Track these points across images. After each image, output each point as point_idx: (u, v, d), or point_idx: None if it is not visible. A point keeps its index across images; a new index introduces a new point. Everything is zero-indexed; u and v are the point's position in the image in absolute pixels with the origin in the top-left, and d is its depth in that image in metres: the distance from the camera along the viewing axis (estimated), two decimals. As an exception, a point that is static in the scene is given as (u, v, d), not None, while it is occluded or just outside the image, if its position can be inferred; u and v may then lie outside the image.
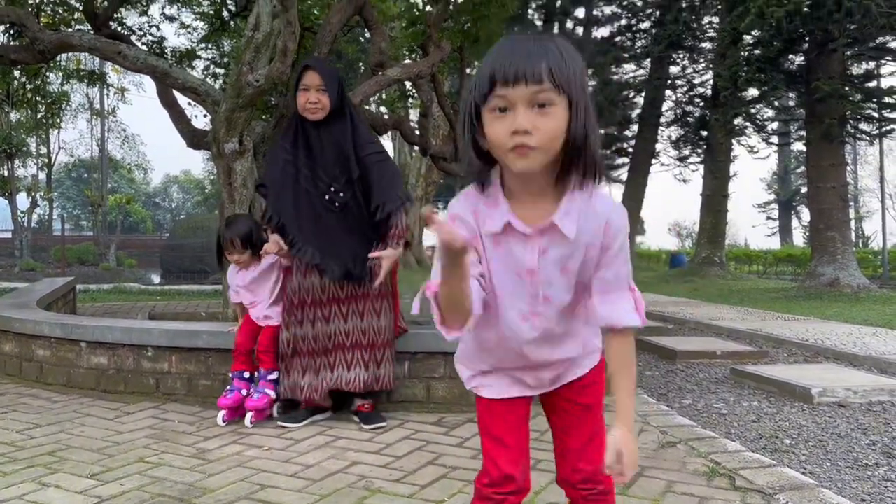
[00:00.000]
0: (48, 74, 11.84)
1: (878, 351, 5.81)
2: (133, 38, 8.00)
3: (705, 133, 19.72)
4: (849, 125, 13.58)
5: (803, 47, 13.55)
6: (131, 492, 2.43)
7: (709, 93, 19.48)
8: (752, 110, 16.82)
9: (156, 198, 61.90)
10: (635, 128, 22.96)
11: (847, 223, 13.47)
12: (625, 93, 22.72)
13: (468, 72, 7.68)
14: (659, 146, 22.62)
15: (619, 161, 26.08)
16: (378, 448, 2.94)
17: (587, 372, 1.52)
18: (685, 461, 2.77)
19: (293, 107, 3.24)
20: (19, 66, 7.29)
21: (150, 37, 8.50)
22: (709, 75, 19.80)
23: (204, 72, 9.58)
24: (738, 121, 16.97)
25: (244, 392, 3.32)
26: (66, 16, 8.76)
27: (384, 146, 3.54)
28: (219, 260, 3.47)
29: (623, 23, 22.04)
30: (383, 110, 11.64)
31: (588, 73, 1.20)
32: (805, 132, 14.80)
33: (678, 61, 20.89)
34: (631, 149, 23.31)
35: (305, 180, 3.18)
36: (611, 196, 1.35)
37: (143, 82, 33.69)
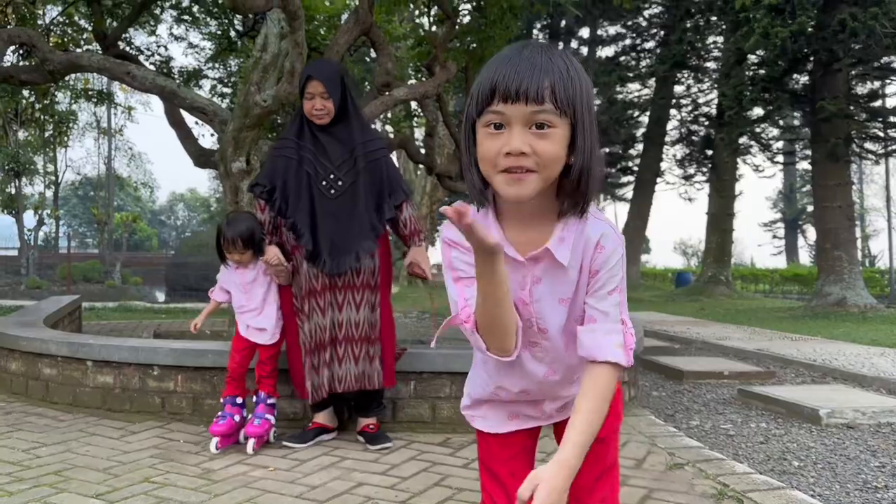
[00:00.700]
0: (56, 94, 11.97)
1: (887, 372, 5.77)
2: (141, 57, 8.09)
3: (710, 152, 19.77)
4: (854, 144, 13.60)
5: (808, 67, 13.61)
6: (136, 512, 2.42)
7: (714, 112, 19.55)
8: (758, 129, 16.88)
9: (161, 216, 62.14)
10: (640, 146, 23.03)
11: (853, 242, 13.45)
12: (629, 112, 22.83)
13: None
14: (664, 165, 22.69)
15: (624, 179, 26.14)
16: (384, 469, 2.93)
17: None
18: (693, 483, 2.74)
19: (300, 107, 3.26)
20: (29, 86, 7.37)
21: (158, 56, 8.61)
22: (713, 94, 19.89)
23: (211, 91, 9.68)
24: (744, 140, 17.04)
25: (237, 418, 3.21)
26: (76, 36, 8.88)
27: (385, 141, 3.59)
28: (221, 257, 3.31)
29: (627, 42, 22.19)
30: (389, 129, 11.71)
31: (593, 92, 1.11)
32: (810, 151, 14.82)
33: (683, 81, 21.00)
34: (636, 167, 23.37)
35: (308, 164, 3.18)
36: (608, 221, 1.27)
37: (150, 101, 34.08)
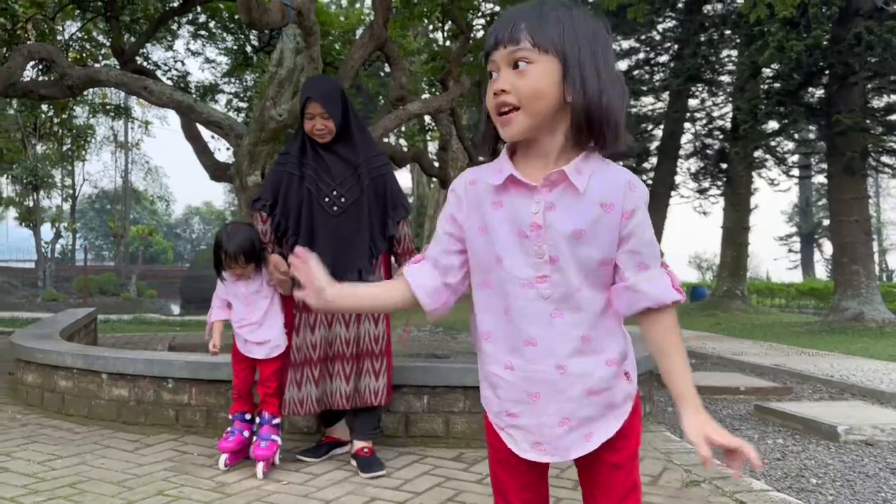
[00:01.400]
0: (75, 108, 12.13)
1: (906, 388, 5.70)
2: (158, 72, 8.19)
3: (725, 165, 19.68)
4: (870, 158, 13.50)
5: (823, 80, 13.54)
6: (150, 526, 2.42)
7: (728, 125, 19.47)
8: (773, 143, 16.79)
9: (177, 229, 62.61)
10: (654, 160, 22.96)
11: (870, 256, 13.31)
12: (643, 125, 22.78)
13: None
14: (678, 178, 22.57)
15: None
16: (397, 483, 2.92)
17: (621, 424, 1.32)
18: (709, 500, 2.71)
19: (300, 124, 3.23)
20: (48, 100, 7.48)
21: (175, 71, 8.70)
22: (728, 108, 19.81)
23: (226, 105, 9.78)
24: (759, 153, 16.95)
25: (246, 433, 3.17)
26: (94, 51, 9.00)
27: (387, 156, 3.55)
28: (217, 271, 3.18)
29: (641, 56, 22.16)
30: (403, 143, 11.76)
31: (607, 35, 1.24)
32: (826, 165, 14.73)
33: (697, 94, 20.94)
34: (650, 181, 23.30)
35: (309, 182, 3.14)
36: (620, 168, 1.27)
37: (167, 115, 34.32)
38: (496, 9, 7.72)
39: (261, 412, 3.14)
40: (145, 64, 7.99)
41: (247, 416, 3.18)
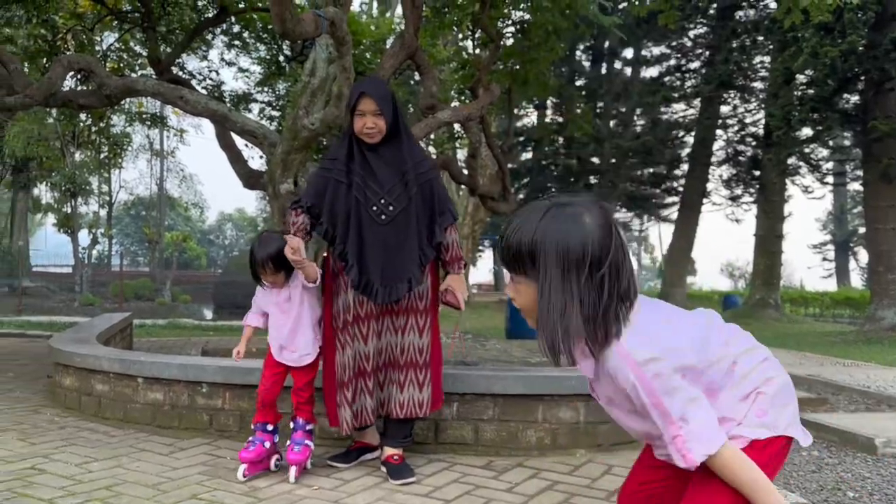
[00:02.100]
0: (112, 117, 12.39)
1: (946, 400, 5.57)
2: (193, 82, 8.33)
3: (758, 172, 19.45)
4: (908, 165, 13.23)
5: (859, 86, 13.33)
6: (185, 528, 2.46)
7: (761, 132, 19.24)
8: (807, 150, 16.55)
9: (210, 235, 63.44)
10: (685, 167, 22.75)
11: (908, 265, 13.04)
12: (674, 132, 22.60)
13: (516, 112, 7.76)
14: (710, 185, 22.36)
15: (669, 200, 25.83)
16: (427, 491, 2.93)
17: None
18: (742, 512, 2.68)
19: (349, 127, 3.18)
20: (86, 110, 7.65)
21: (210, 81, 8.84)
22: (761, 115, 19.59)
23: (259, 114, 9.91)
24: (792, 160, 16.72)
25: (267, 444, 3.14)
26: (131, 61, 9.20)
27: (434, 163, 3.52)
28: (256, 279, 3.22)
29: (672, 63, 22.01)
30: (432, 150, 11.81)
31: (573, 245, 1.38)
32: (862, 172, 14.48)
33: (729, 101, 20.73)
34: (680, 188, 23.08)
35: (357, 189, 3.10)
36: (617, 351, 1.38)
37: (201, 124, 34.84)
38: (526, 17, 7.73)
39: (294, 417, 3.15)
40: (181, 74, 8.14)
41: (269, 427, 3.16)
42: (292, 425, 3.15)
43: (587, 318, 1.35)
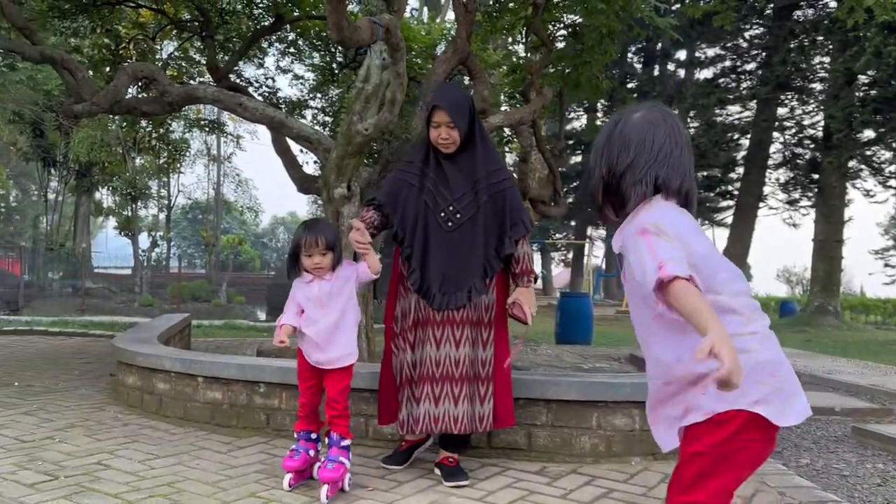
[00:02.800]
0: (171, 123, 12.74)
1: None
2: (250, 89, 8.51)
3: (816, 176, 18.91)
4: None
5: (925, 86, 12.87)
6: (245, 525, 2.51)
7: (820, 134, 18.71)
8: (868, 152, 16.04)
9: (264, 238, 64.57)
10: (740, 170, 22.26)
11: (978, 272, 12.51)
12: (729, 135, 22.13)
13: (567, 115, 7.72)
14: (766, 189, 21.82)
15: (723, 204, 25.29)
16: (480, 495, 2.94)
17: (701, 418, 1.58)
18: (804, 525, 2.62)
19: (425, 133, 3.17)
20: (149, 117, 7.89)
21: (266, 88, 9.02)
22: (820, 116, 19.05)
23: (312, 119, 10.06)
24: (853, 163, 16.22)
25: (311, 453, 3.04)
26: (189, 69, 9.46)
27: (510, 172, 3.47)
28: (290, 270, 3.06)
29: (727, 64, 21.57)
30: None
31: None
32: (928, 175, 13.96)
33: (786, 102, 20.21)
34: (736, 192, 22.58)
35: (427, 194, 3.08)
36: (631, 216, 1.67)
37: (256, 130, 35.68)
38: (578, 20, 7.68)
39: (329, 433, 2.98)
40: (238, 81, 8.33)
41: (312, 436, 3.06)
42: (327, 441, 3.01)
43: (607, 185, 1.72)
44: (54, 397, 4.90)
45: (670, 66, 24.48)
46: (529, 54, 7.26)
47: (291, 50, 9.16)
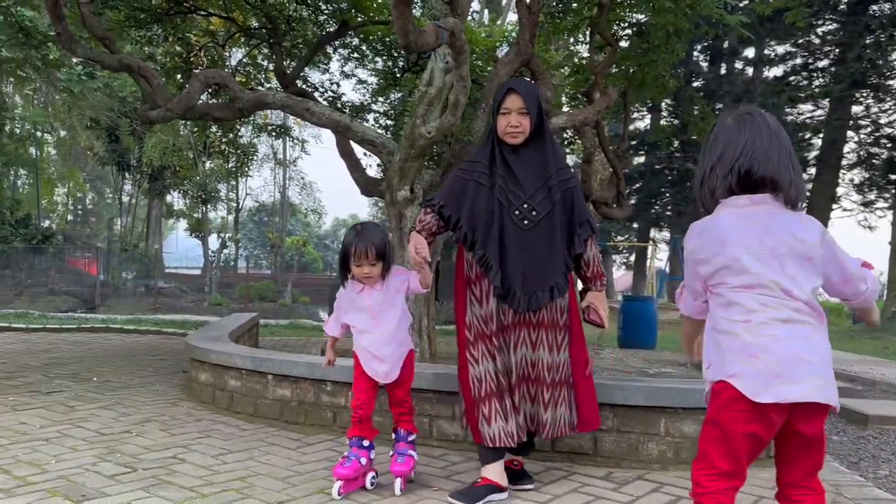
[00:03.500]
0: (240, 128, 13.11)
1: None
2: (316, 94, 8.68)
3: (894, 177, 18.12)
4: None
5: None
6: (314, 521, 2.56)
7: (898, 133, 17.94)
8: (951, 151, 15.27)
9: (326, 240, 65.65)
10: (812, 170, 21.52)
11: None
12: (800, 134, 21.41)
13: (632, 115, 7.60)
14: (840, 190, 21.01)
15: (795, 206, 24.42)
16: (546, 499, 2.92)
17: None
18: (884, 539, 2.52)
19: (491, 128, 3.07)
20: (220, 122, 8.13)
21: (331, 93, 9.18)
22: (898, 114, 18.26)
23: (374, 123, 10.19)
24: (935, 163, 15.46)
25: (363, 461, 2.94)
26: (257, 75, 9.71)
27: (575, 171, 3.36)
28: (342, 276, 2.99)
29: (798, 62, 20.88)
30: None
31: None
32: None
33: (862, 100, 19.43)
34: (808, 193, 21.84)
35: (499, 192, 2.94)
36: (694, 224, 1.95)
37: (320, 134, 36.32)
38: (643, 18, 7.56)
39: (395, 429, 3.05)
40: (304, 86, 8.51)
41: (365, 443, 2.96)
42: (394, 436, 3.05)
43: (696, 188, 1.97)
44: (130, 392, 5.11)
45: (738, 65, 23.82)
46: (592, 54, 7.17)
47: (355, 55, 9.30)
